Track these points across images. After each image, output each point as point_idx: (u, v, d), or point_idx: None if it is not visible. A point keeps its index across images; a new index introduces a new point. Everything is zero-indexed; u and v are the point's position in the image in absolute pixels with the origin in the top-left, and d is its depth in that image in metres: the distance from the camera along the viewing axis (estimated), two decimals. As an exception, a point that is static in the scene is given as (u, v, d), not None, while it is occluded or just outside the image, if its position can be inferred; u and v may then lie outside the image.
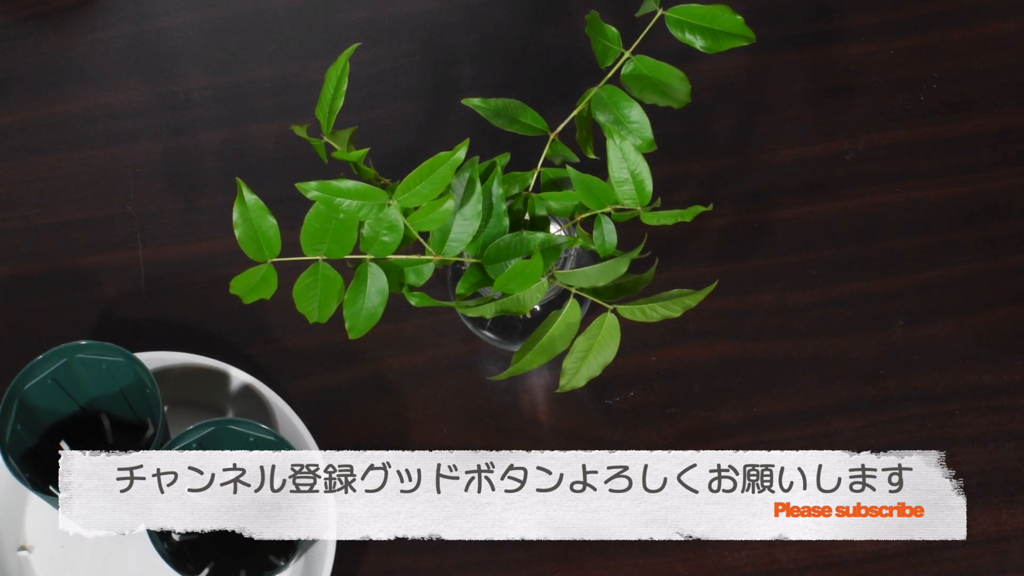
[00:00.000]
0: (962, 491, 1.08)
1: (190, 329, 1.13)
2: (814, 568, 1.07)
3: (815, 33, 1.22)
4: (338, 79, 0.92)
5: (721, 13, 0.94)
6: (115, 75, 1.21)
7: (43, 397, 1.03)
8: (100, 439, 1.08)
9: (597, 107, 0.96)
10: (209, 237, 1.16)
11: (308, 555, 1.06)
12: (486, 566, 1.08)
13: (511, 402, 1.12)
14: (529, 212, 0.97)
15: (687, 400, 1.12)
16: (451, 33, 1.22)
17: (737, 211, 1.16)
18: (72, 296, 1.15)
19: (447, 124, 1.19)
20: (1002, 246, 1.16)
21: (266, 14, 1.23)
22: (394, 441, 1.10)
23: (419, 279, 0.93)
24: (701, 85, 1.18)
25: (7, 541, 1.07)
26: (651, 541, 1.08)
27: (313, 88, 1.17)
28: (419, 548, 1.08)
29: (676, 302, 0.93)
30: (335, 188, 0.88)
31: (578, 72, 1.18)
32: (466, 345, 1.13)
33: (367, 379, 1.12)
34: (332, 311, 0.92)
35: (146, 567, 1.07)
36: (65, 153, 1.19)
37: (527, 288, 0.91)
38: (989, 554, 1.07)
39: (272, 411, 1.08)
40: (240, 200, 0.91)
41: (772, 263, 1.15)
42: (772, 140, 1.19)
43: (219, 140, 1.19)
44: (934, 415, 1.11)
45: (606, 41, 0.96)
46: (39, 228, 1.17)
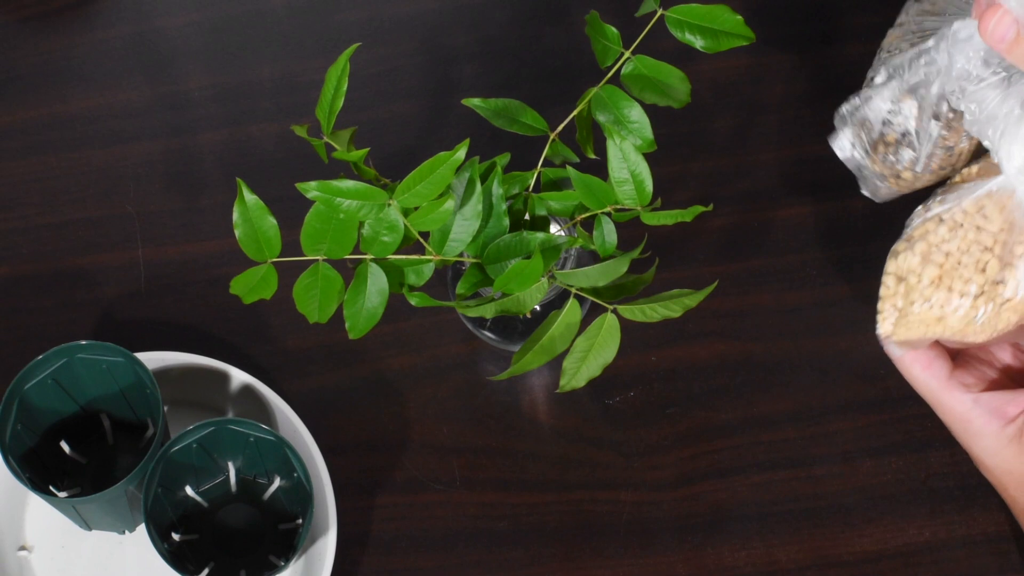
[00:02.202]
0: (963, 491, 1.09)
1: (190, 329, 1.13)
2: (814, 568, 1.07)
3: (815, 33, 1.22)
4: (338, 79, 0.92)
5: (721, 13, 0.94)
6: (115, 75, 1.21)
7: (43, 397, 1.03)
8: (100, 439, 1.08)
9: (597, 107, 0.96)
10: (209, 237, 1.16)
11: (308, 555, 1.06)
12: (486, 566, 1.08)
13: (511, 402, 1.12)
14: (529, 212, 0.97)
15: (687, 400, 1.12)
16: (451, 33, 1.22)
17: (737, 211, 1.16)
18: (72, 296, 1.15)
19: (447, 124, 1.19)
20: (1002, 246, 1.16)
21: (266, 14, 1.23)
22: (394, 441, 1.10)
23: (419, 279, 0.93)
24: (701, 85, 1.18)
25: (7, 541, 1.07)
26: (651, 541, 1.08)
27: (313, 88, 1.17)
28: (419, 548, 1.08)
29: (676, 302, 0.93)
30: (335, 188, 0.88)
31: (578, 72, 1.18)
32: (466, 345, 1.13)
33: (367, 379, 1.12)
34: (332, 311, 0.92)
35: (146, 567, 1.07)
36: (65, 153, 1.19)
37: (527, 288, 0.91)
38: (989, 554, 1.07)
39: (272, 411, 1.08)
40: (240, 200, 0.91)
41: (772, 263, 1.15)
42: (772, 140, 1.19)
43: (219, 140, 1.19)
44: (934, 415, 1.11)
45: (606, 41, 0.96)
46: (39, 228, 1.17)
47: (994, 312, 0.88)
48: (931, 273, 0.88)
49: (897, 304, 0.90)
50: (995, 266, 0.86)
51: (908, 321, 0.90)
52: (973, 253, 0.87)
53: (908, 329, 0.90)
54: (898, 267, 0.90)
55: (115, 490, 0.99)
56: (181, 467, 1.03)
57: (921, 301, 0.89)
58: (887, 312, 0.91)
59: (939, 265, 0.88)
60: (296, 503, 1.04)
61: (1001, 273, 0.87)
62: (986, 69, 0.86)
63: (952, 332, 0.89)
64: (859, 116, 0.94)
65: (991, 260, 0.86)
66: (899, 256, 0.90)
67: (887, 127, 0.94)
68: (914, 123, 0.91)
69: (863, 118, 0.94)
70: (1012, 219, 0.86)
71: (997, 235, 0.86)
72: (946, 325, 0.89)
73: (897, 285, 0.90)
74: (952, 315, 0.88)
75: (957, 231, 0.88)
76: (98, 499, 0.99)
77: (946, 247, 0.88)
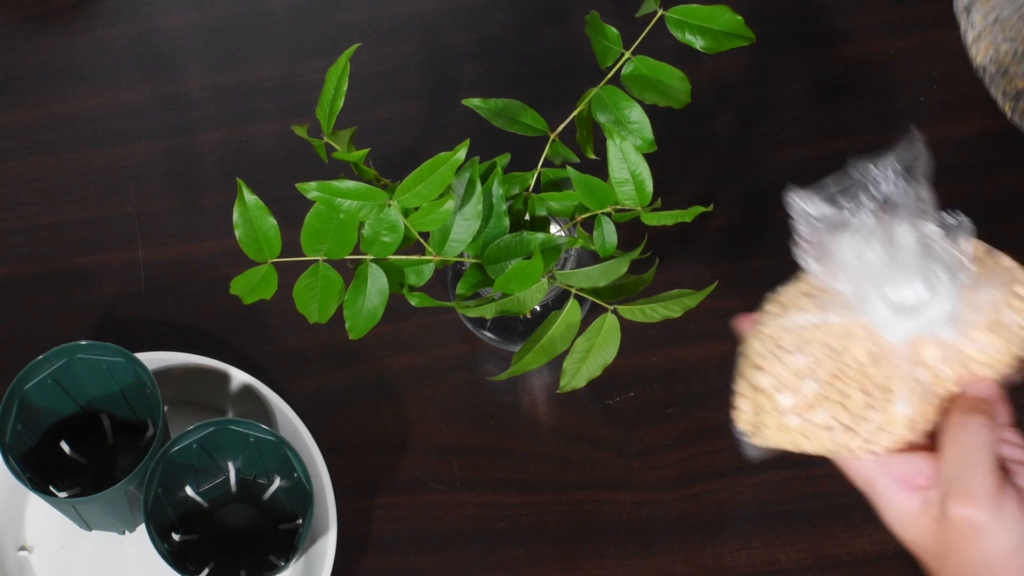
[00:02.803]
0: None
1: (190, 329, 1.13)
2: (814, 568, 1.07)
3: (815, 33, 1.22)
4: (338, 79, 0.92)
5: (721, 13, 0.94)
6: (115, 75, 1.21)
7: (43, 397, 1.03)
8: (100, 439, 1.08)
9: (597, 107, 0.96)
10: (209, 237, 1.16)
11: (308, 555, 1.06)
12: (486, 566, 1.08)
13: (511, 402, 1.12)
14: (529, 212, 0.97)
15: (687, 400, 1.12)
16: (451, 33, 1.22)
17: (737, 211, 1.16)
18: (72, 296, 1.15)
19: (447, 124, 1.19)
20: (1002, 246, 1.16)
21: (266, 14, 1.23)
22: (394, 441, 1.10)
23: (419, 279, 0.93)
24: (701, 85, 1.18)
25: (7, 541, 1.07)
26: (651, 541, 1.08)
27: (313, 88, 1.17)
28: (419, 548, 1.08)
29: (676, 302, 0.93)
30: (335, 188, 0.88)
31: (578, 72, 1.18)
32: (466, 345, 1.13)
33: (367, 379, 1.12)
34: (332, 311, 0.92)
35: (146, 567, 1.07)
36: (65, 153, 1.19)
37: (527, 288, 0.91)
38: (989, 554, 1.07)
39: (272, 411, 1.08)
40: (240, 200, 0.91)
41: (772, 263, 1.15)
42: (772, 140, 1.19)
43: (219, 140, 1.19)
44: (934, 415, 1.11)
45: (606, 41, 0.96)
46: (39, 228, 1.17)
47: (869, 438, 0.81)
48: (798, 398, 0.81)
49: (757, 417, 0.84)
50: (861, 398, 0.80)
51: (766, 435, 0.84)
52: (838, 380, 0.80)
53: (768, 439, 0.84)
54: (757, 383, 0.84)
55: (115, 490, 0.99)
56: (181, 467, 1.03)
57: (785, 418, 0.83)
58: (744, 412, 0.85)
59: (802, 393, 0.81)
60: (296, 503, 1.04)
61: (872, 399, 0.80)
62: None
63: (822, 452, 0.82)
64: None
65: (855, 389, 0.80)
66: (758, 374, 0.84)
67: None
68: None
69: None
70: (869, 349, 0.80)
71: (859, 366, 0.80)
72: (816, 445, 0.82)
73: (755, 395, 0.84)
74: (818, 437, 0.82)
75: (817, 357, 0.81)
76: (98, 499, 0.99)
77: (805, 370, 0.81)
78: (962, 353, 0.80)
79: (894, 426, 0.80)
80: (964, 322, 0.80)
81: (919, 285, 0.78)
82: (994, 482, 0.77)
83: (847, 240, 0.80)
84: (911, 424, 0.80)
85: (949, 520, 0.77)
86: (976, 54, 1.17)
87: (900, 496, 0.80)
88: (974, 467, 0.78)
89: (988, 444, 0.78)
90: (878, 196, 0.80)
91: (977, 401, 0.80)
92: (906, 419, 0.80)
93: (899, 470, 0.81)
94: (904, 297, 0.78)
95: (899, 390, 0.80)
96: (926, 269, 0.78)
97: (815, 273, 0.81)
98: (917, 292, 0.78)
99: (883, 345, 0.79)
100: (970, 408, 0.80)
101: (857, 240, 0.79)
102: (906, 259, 0.78)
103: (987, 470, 0.77)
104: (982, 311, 0.80)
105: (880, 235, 0.79)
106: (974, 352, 0.80)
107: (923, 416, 0.80)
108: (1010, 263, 0.83)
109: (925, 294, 0.78)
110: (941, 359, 0.80)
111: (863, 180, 0.80)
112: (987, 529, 0.77)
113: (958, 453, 0.78)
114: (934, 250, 0.79)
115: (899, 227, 0.79)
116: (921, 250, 0.78)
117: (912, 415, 0.80)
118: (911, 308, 0.78)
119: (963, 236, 0.80)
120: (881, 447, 0.80)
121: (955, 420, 0.79)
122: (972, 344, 0.80)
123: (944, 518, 0.78)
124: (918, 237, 0.79)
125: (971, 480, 0.77)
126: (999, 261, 0.83)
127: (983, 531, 0.77)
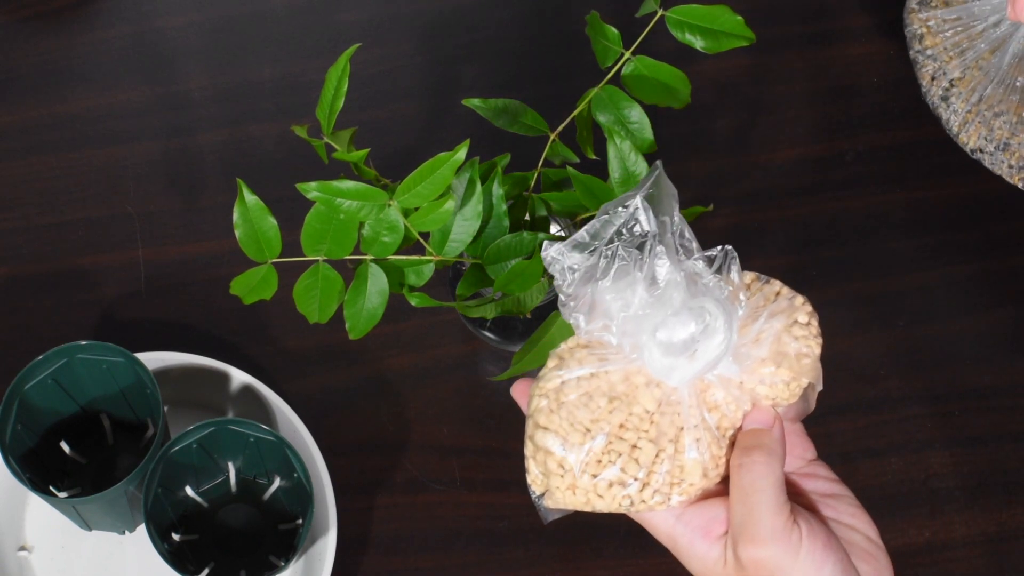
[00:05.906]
0: (963, 491, 1.09)
1: (190, 329, 1.13)
2: (814, 568, 1.07)
3: (815, 33, 1.22)
4: (338, 79, 0.92)
5: (721, 13, 0.94)
6: (115, 75, 1.21)
7: (43, 397, 1.03)
8: (100, 439, 1.08)
9: (597, 107, 0.96)
10: (209, 237, 1.16)
11: (308, 555, 1.06)
12: (486, 566, 1.08)
13: (511, 402, 1.11)
14: (529, 212, 0.97)
15: (687, 400, 1.11)
16: (451, 33, 1.22)
17: (737, 211, 1.16)
18: (72, 296, 1.15)
19: (447, 124, 1.19)
20: (1002, 246, 1.16)
21: (266, 14, 1.23)
22: (394, 441, 1.10)
23: (419, 279, 0.93)
24: (701, 85, 1.18)
25: (7, 541, 1.07)
26: (651, 541, 1.08)
27: (313, 88, 1.17)
28: (419, 548, 1.08)
29: (676, 302, 0.93)
30: (335, 188, 0.88)
31: (578, 72, 1.18)
32: (466, 345, 1.13)
33: (367, 379, 1.12)
34: (332, 311, 0.92)
35: (146, 567, 1.07)
36: (65, 153, 1.19)
37: (527, 289, 0.91)
38: (989, 554, 1.07)
39: (272, 411, 1.08)
40: (240, 200, 0.91)
41: (772, 263, 1.15)
42: (772, 140, 1.19)
43: (219, 140, 1.19)
44: (934, 415, 1.11)
45: (606, 41, 0.96)
46: (39, 228, 1.17)
47: (661, 490, 0.77)
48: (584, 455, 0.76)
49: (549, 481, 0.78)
50: (650, 449, 0.76)
51: (556, 497, 0.77)
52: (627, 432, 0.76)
53: (560, 501, 0.78)
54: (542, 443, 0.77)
55: (115, 490, 0.99)
56: (181, 467, 1.03)
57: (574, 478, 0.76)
58: (533, 474, 0.78)
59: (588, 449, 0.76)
60: (296, 503, 1.04)
61: (662, 449, 0.76)
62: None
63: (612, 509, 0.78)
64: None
65: (644, 439, 0.75)
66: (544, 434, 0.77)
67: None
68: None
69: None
70: (655, 396, 0.76)
71: (646, 415, 0.76)
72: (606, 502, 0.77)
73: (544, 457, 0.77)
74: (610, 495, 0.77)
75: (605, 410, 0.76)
76: (98, 499, 0.99)
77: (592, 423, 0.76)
78: (748, 390, 0.76)
79: (687, 475, 0.76)
80: (747, 357, 0.75)
81: (690, 323, 0.74)
82: (781, 521, 0.74)
83: (609, 288, 0.75)
84: (704, 471, 0.76)
85: (743, 565, 0.74)
86: (968, 139, 1.15)
87: (702, 547, 0.77)
88: (756, 508, 0.74)
89: (768, 483, 0.75)
90: (633, 238, 0.75)
91: (757, 436, 0.76)
92: (698, 466, 0.76)
93: (699, 520, 0.77)
94: (676, 337, 0.74)
95: (687, 437, 0.76)
96: (695, 306, 0.74)
97: (582, 329, 0.76)
98: (688, 331, 0.73)
99: (667, 390, 0.75)
100: (748, 448, 0.76)
101: (619, 286, 0.74)
102: (673, 298, 0.74)
103: (771, 509, 0.74)
104: (763, 343, 0.76)
105: (642, 277, 0.74)
106: (759, 387, 0.76)
107: (715, 461, 0.76)
108: (787, 291, 0.78)
109: (697, 332, 0.74)
110: (727, 399, 0.76)
111: (614, 223, 0.75)
112: (784, 569, 0.74)
113: (741, 496, 0.75)
114: (701, 285, 0.74)
115: (660, 266, 0.74)
116: (687, 287, 0.74)
117: (704, 461, 0.76)
118: (685, 348, 0.74)
119: (733, 267, 0.75)
120: (677, 498, 0.77)
121: (734, 463, 0.76)
122: (757, 378, 0.76)
123: (739, 565, 0.75)
124: (683, 274, 0.74)
125: (756, 522, 0.74)
126: (774, 289, 0.78)
127: (781, 572, 0.74)
